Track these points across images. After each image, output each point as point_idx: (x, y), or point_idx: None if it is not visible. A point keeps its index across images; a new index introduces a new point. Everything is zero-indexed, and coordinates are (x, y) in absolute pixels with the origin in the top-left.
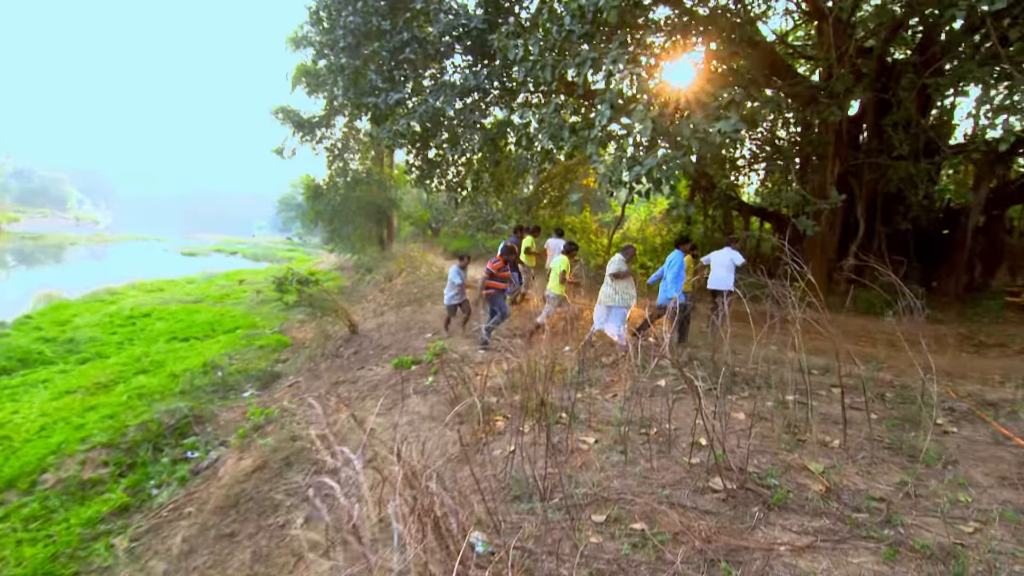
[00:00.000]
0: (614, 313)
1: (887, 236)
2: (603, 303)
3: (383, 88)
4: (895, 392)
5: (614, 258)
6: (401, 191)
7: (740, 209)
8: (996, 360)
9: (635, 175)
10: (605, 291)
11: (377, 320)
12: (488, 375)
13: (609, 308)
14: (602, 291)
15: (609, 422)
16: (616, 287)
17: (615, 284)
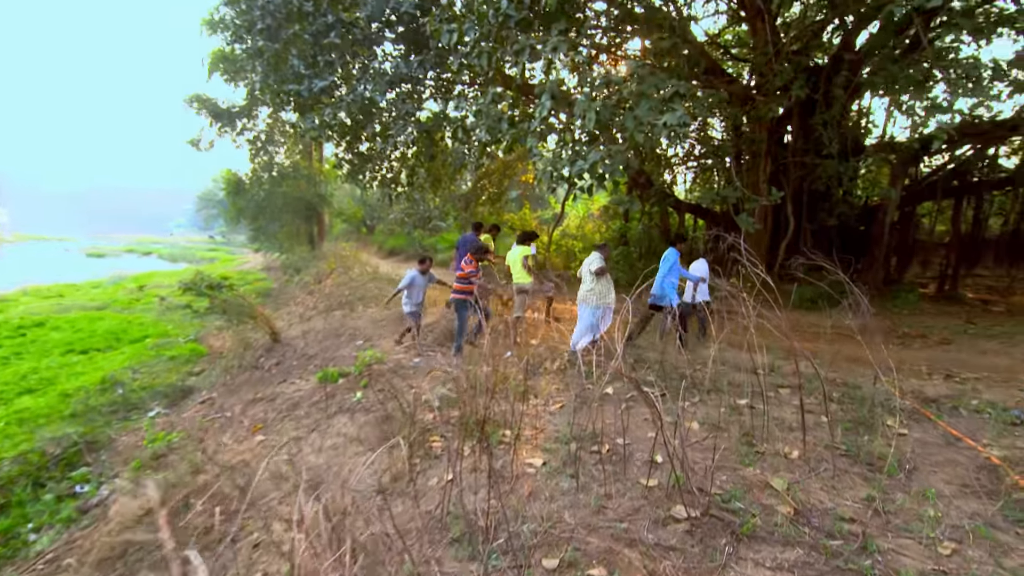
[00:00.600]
0: (586, 313)
1: (812, 233)
2: (585, 303)
3: (306, 75)
4: (842, 392)
5: (592, 255)
6: (332, 187)
7: (676, 207)
8: (920, 352)
9: (578, 170)
10: (582, 290)
11: (303, 326)
12: (424, 388)
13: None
14: (581, 291)
15: (558, 439)
16: (593, 286)
17: (596, 281)
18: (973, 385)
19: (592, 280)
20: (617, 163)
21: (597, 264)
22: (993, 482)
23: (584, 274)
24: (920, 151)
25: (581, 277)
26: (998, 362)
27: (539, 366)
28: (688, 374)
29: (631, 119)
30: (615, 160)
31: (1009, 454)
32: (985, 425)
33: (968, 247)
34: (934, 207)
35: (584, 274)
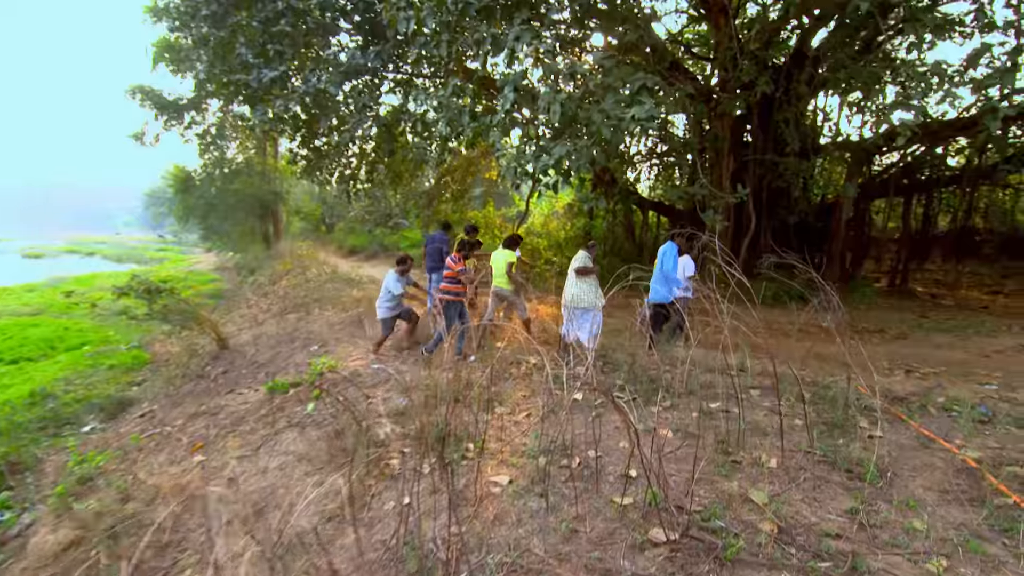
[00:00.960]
0: (591, 316)
1: (772, 230)
2: (575, 305)
3: (255, 64)
4: (813, 392)
5: (579, 254)
6: (288, 183)
7: (640, 204)
8: (879, 347)
9: (542, 166)
10: (574, 292)
11: (255, 331)
12: (381, 399)
13: (584, 311)
14: (569, 292)
15: (525, 452)
16: (585, 286)
17: (583, 281)
18: (936, 380)
19: (578, 281)
20: (583, 159)
21: (580, 263)
22: (972, 486)
23: (569, 275)
24: (873, 150)
25: (568, 279)
26: (953, 356)
27: (505, 371)
28: (659, 377)
29: (598, 112)
30: (581, 155)
31: (983, 455)
32: (955, 424)
33: (918, 243)
34: (886, 204)
35: (569, 275)
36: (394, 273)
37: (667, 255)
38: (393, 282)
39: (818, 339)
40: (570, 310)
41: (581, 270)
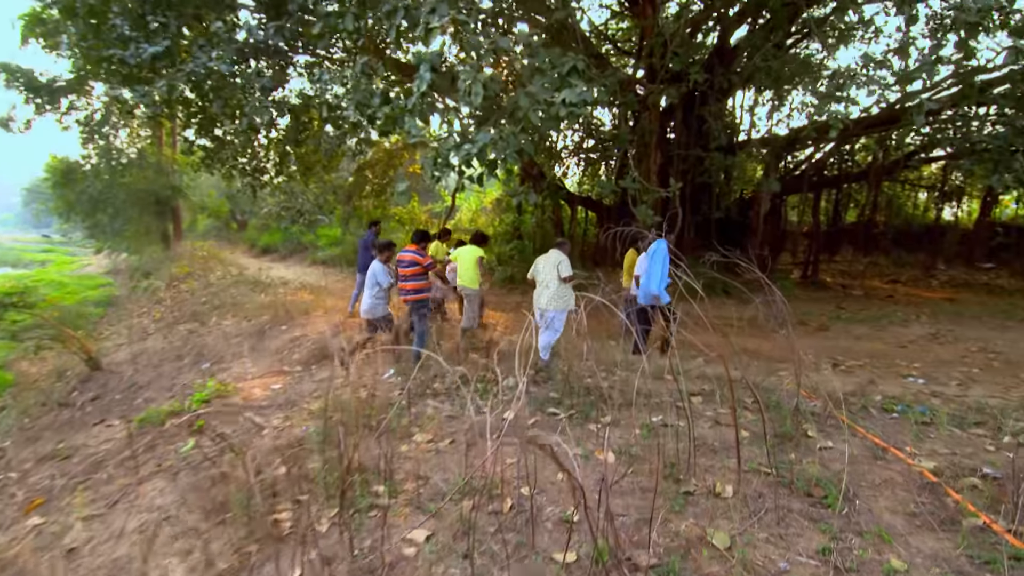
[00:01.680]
0: (555, 322)
1: (696, 225)
2: (546, 307)
3: (132, 38)
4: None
5: (552, 255)
6: (190, 177)
7: (569, 200)
8: (803, 339)
9: (465, 155)
10: (546, 294)
11: (139, 346)
12: (275, 429)
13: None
14: (545, 295)
15: (447, 493)
16: (564, 289)
17: (564, 285)
18: (863, 374)
19: (557, 284)
20: (511, 147)
21: (567, 270)
22: (937, 505)
23: (544, 276)
24: (789, 145)
25: (535, 279)
26: (873, 347)
27: (427, 387)
28: (596, 386)
29: (524, 96)
30: (508, 144)
31: (937, 464)
32: (899, 427)
33: (828, 236)
34: (799, 200)
35: (544, 276)
36: (379, 263)
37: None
38: (381, 273)
39: (746, 334)
40: (543, 313)
41: (568, 279)
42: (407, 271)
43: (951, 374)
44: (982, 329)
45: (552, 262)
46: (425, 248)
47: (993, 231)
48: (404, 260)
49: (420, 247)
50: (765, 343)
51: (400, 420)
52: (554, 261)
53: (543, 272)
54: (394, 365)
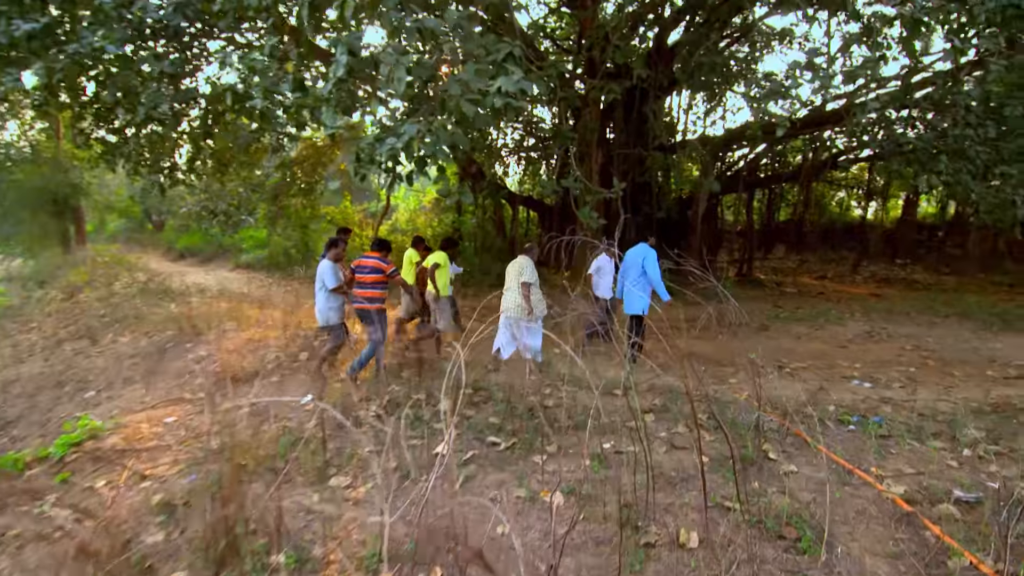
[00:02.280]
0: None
1: (637, 225)
2: (514, 317)
3: (2, 12)
4: (711, 413)
5: (520, 260)
6: (93, 174)
7: (510, 199)
8: (746, 340)
9: (390, 150)
10: (514, 301)
11: (13, 371)
12: (157, 479)
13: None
14: (507, 301)
15: (364, 561)
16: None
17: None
18: (817, 382)
19: (519, 289)
20: (441, 142)
21: (530, 275)
22: (918, 542)
23: (509, 282)
24: (725, 145)
25: (507, 285)
26: (814, 347)
27: (353, 411)
28: (540, 406)
29: (456, 84)
30: (439, 138)
31: (907, 488)
32: (858, 442)
33: (762, 235)
34: (735, 199)
35: (509, 282)
36: (327, 262)
37: (650, 260)
38: (328, 274)
39: (691, 336)
40: (513, 322)
41: (525, 287)
42: (367, 278)
43: (892, 374)
44: (912, 326)
45: (516, 268)
46: (386, 256)
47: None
48: (365, 267)
49: (382, 255)
50: (710, 346)
51: (315, 459)
52: (518, 267)
53: (509, 278)
54: (312, 389)
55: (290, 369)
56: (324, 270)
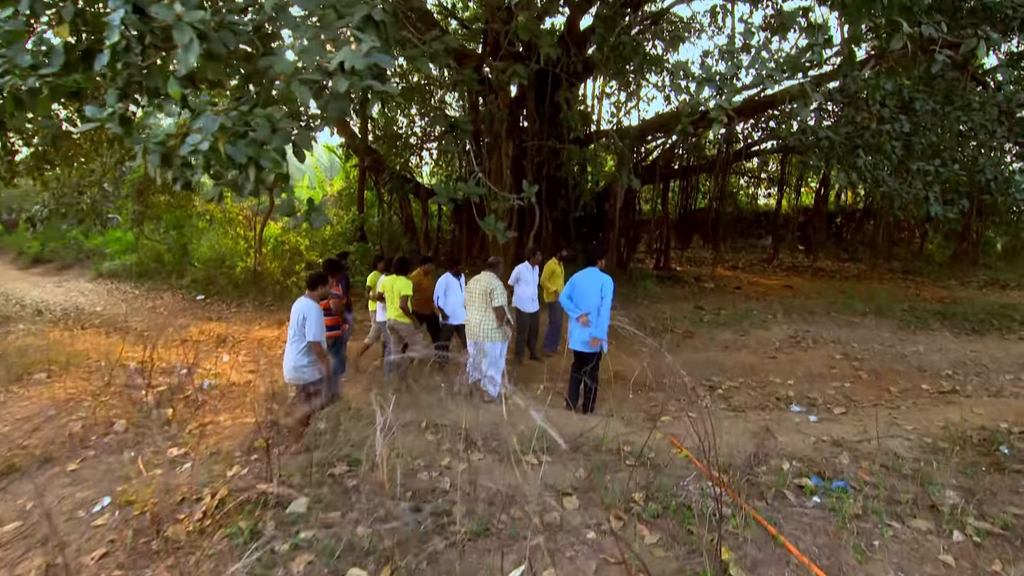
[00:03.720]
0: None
1: (554, 220)
2: (480, 340)
3: None
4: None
5: (485, 277)
6: None
7: (418, 193)
8: (670, 351)
9: (189, 150)
10: (480, 322)
11: None
12: None
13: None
14: (472, 321)
15: None
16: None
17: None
18: (760, 416)
19: (486, 310)
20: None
21: (499, 299)
22: None
23: (476, 303)
24: (640, 136)
25: (468, 303)
26: (744, 360)
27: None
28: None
29: (280, 59)
30: (259, 130)
31: None
32: (828, 524)
33: (679, 226)
34: (651, 190)
35: (476, 303)
36: (309, 302)
37: (607, 289)
38: (314, 318)
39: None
40: (478, 344)
41: (498, 312)
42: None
43: (828, 392)
44: (834, 327)
45: (483, 287)
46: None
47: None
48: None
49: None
50: (634, 360)
51: None
52: (485, 286)
53: (472, 295)
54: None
55: (100, 446)
56: (307, 313)
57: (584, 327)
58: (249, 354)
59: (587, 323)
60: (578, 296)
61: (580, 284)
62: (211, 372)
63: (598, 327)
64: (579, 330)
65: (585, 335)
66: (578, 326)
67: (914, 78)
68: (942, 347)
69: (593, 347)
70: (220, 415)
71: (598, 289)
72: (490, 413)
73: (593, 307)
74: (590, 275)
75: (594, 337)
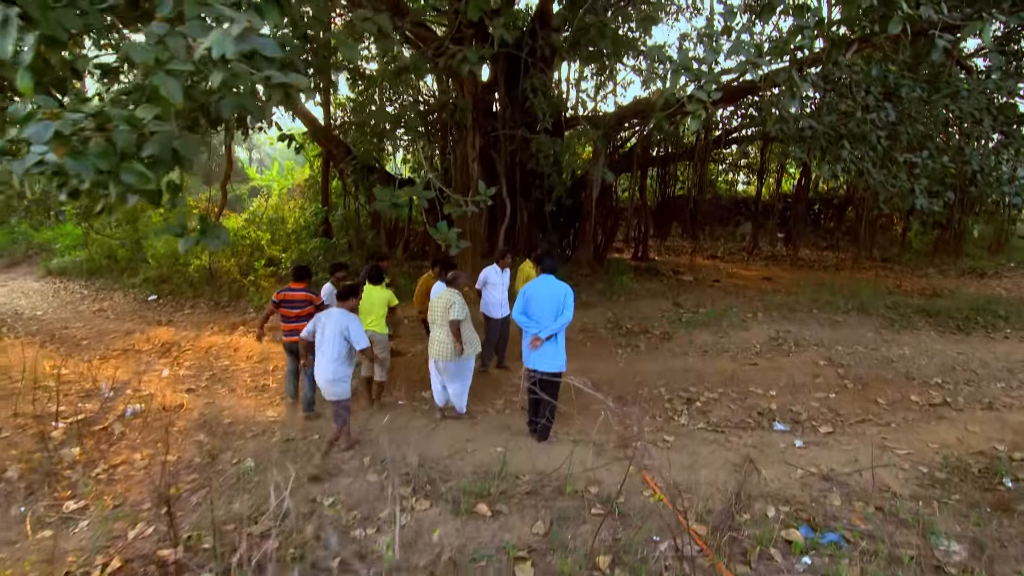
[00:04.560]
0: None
1: (528, 212)
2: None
3: None
4: (612, 539)
5: (447, 296)
6: None
7: (387, 182)
8: (647, 356)
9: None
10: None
11: None
12: None
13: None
14: (436, 339)
15: None
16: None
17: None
18: (742, 442)
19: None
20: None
21: (459, 311)
22: None
23: (436, 316)
24: (616, 124)
25: (431, 320)
26: (723, 367)
27: None
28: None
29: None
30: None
31: None
32: None
33: (658, 215)
34: (629, 178)
35: (436, 316)
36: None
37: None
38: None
39: (584, 354)
40: (442, 368)
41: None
42: (298, 312)
43: (812, 404)
44: (816, 326)
45: (444, 303)
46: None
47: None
48: (295, 300)
49: (307, 285)
50: (610, 367)
51: None
52: (445, 303)
53: (434, 312)
54: None
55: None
56: (350, 323)
57: (546, 346)
58: (193, 366)
59: (537, 346)
60: (534, 310)
61: (535, 296)
62: (141, 394)
63: (560, 347)
64: (544, 347)
65: (547, 354)
66: (545, 343)
67: (899, 63)
68: (928, 348)
69: (553, 367)
70: (137, 452)
71: (558, 301)
72: (450, 435)
73: (551, 322)
74: (547, 285)
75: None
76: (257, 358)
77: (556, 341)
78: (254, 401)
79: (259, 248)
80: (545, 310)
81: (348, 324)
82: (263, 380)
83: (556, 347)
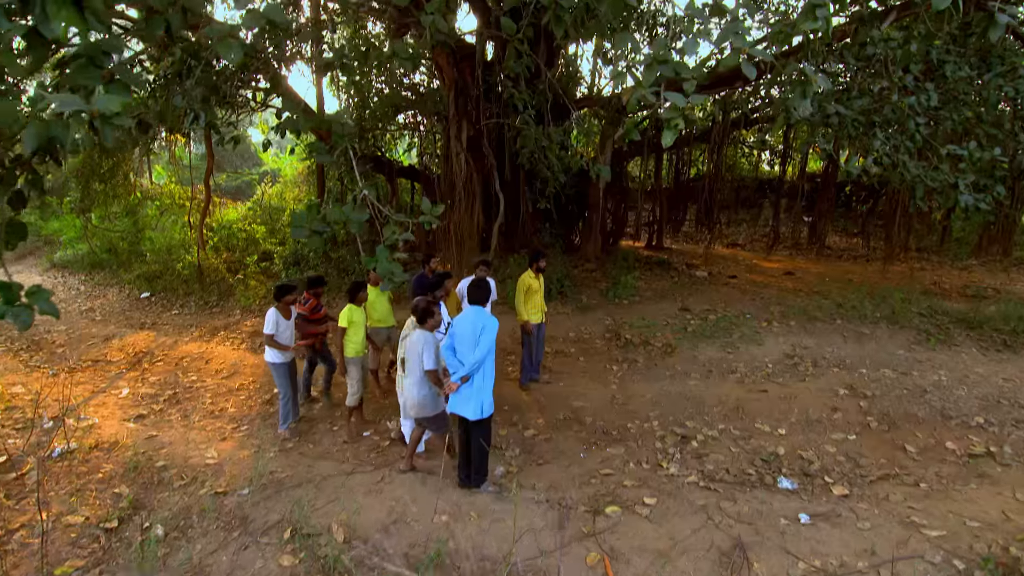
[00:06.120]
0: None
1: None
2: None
3: None
4: None
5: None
6: None
7: (382, 170)
8: (644, 376)
9: None
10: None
11: None
12: None
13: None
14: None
15: None
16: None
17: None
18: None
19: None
20: None
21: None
22: None
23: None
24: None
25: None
26: (728, 393)
27: None
28: None
29: None
30: None
31: None
32: None
33: (672, 201)
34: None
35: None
36: (425, 332)
37: (489, 332)
38: (431, 348)
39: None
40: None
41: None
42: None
43: (827, 450)
44: (838, 341)
45: (417, 349)
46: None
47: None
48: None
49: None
50: (602, 390)
51: None
52: (418, 345)
53: (409, 358)
54: None
55: None
56: (425, 343)
57: (468, 389)
58: (157, 382)
59: (454, 389)
60: (459, 346)
61: (458, 332)
62: (82, 425)
63: (480, 389)
64: (462, 390)
65: (463, 397)
66: (462, 389)
67: (944, 36)
68: (968, 373)
69: (473, 414)
70: (52, 506)
71: (476, 337)
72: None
73: (480, 359)
74: (470, 318)
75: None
76: (226, 372)
77: (472, 384)
78: (201, 434)
79: (254, 242)
80: (468, 347)
81: (424, 344)
82: (223, 403)
83: (472, 390)
